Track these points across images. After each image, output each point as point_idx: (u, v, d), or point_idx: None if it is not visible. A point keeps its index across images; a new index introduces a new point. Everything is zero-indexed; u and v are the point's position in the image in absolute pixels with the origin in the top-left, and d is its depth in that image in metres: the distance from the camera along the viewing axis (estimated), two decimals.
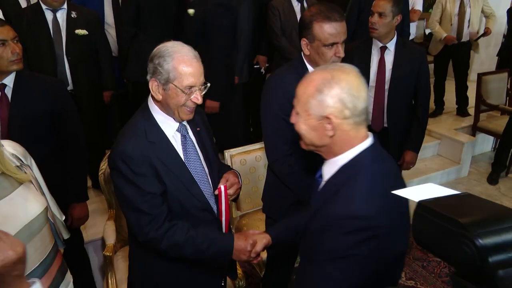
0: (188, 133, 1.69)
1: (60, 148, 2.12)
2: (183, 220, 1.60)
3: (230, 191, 1.73)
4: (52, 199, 1.59)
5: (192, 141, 1.69)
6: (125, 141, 1.56)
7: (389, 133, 2.75)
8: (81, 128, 2.20)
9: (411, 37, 4.74)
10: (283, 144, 1.93)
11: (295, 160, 1.94)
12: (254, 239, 1.63)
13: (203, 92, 1.61)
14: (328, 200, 1.23)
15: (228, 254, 1.62)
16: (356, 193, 1.16)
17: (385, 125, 2.76)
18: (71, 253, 1.70)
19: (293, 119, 1.31)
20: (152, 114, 1.62)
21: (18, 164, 1.42)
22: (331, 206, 1.20)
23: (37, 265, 1.39)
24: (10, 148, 1.43)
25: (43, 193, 1.51)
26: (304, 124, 1.26)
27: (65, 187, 2.09)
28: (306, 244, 1.32)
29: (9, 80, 2.00)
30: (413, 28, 4.98)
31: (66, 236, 1.63)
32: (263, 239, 1.64)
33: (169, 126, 1.63)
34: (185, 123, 1.68)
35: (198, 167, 1.68)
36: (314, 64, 2.01)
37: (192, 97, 1.57)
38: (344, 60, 2.25)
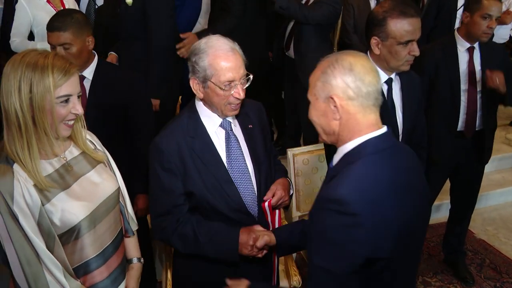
0: (232, 129, 1.66)
1: (130, 139, 2.17)
2: (196, 215, 1.62)
3: (274, 201, 1.68)
4: (125, 188, 1.66)
5: (237, 138, 1.66)
6: (163, 134, 1.61)
7: (485, 136, 2.66)
8: (152, 122, 2.24)
9: (503, 41, 4.35)
10: None
11: None
12: (256, 235, 1.60)
13: (247, 85, 1.56)
14: (324, 186, 1.26)
15: (233, 245, 1.59)
16: (345, 179, 1.15)
17: (477, 128, 2.64)
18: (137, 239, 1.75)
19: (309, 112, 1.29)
20: (197, 109, 1.64)
21: (93, 147, 1.53)
22: (323, 190, 1.22)
23: (109, 242, 1.47)
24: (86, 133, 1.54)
25: (116, 178, 1.59)
26: (313, 110, 1.26)
27: (132, 178, 2.10)
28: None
29: (88, 72, 2.07)
30: (506, 31, 4.31)
31: (134, 227, 1.69)
32: (265, 236, 1.61)
33: (211, 121, 1.63)
34: (230, 118, 1.65)
35: (241, 166, 1.65)
36: (384, 63, 1.91)
37: (232, 92, 1.52)
38: (420, 61, 2.12)
